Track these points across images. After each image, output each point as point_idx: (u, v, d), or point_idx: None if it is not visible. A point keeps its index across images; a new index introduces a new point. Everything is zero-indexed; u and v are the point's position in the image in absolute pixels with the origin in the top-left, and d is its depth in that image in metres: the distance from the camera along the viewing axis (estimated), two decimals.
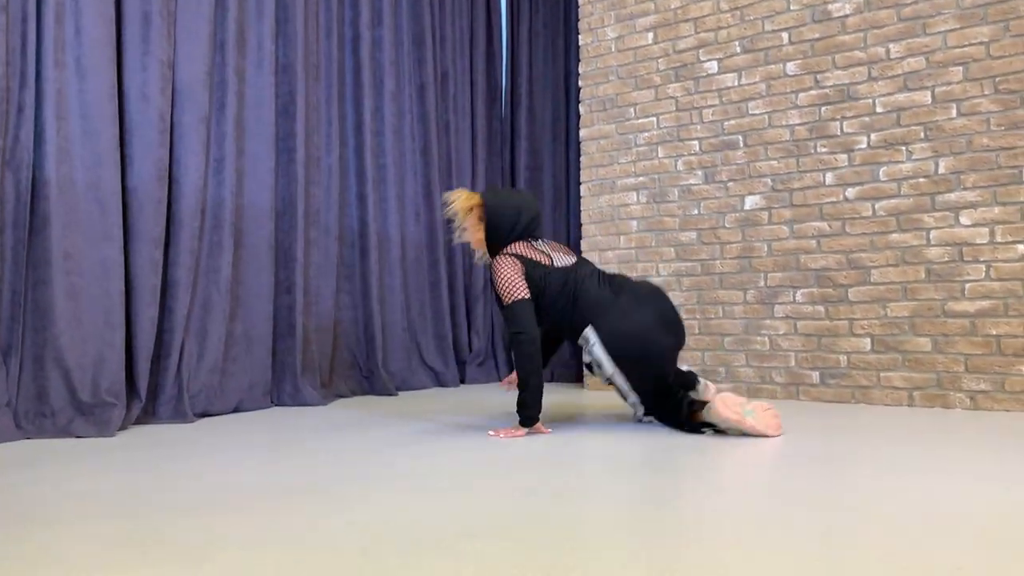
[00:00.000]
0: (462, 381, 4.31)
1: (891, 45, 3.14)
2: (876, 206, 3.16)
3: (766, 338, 3.41)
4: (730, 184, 3.52)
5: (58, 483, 1.75)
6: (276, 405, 3.27)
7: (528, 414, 2.39)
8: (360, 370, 3.77)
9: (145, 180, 2.77)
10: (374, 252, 3.79)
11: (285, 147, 3.40)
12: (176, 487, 1.70)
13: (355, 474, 1.82)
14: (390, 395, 3.67)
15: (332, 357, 3.63)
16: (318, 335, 3.52)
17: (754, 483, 1.67)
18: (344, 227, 3.77)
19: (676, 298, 3.66)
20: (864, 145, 3.19)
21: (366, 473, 1.83)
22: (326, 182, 3.63)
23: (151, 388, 2.80)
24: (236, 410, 3.06)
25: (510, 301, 2.41)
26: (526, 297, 2.42)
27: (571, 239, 4.58)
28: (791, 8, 3.38)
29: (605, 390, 3.77)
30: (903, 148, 3.11)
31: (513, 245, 2.54)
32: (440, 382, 4.11)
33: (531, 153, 4.59)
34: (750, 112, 3.48)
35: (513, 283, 2.43)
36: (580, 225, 4.18)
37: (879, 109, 3.16)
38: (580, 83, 3.98)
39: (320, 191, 3.58)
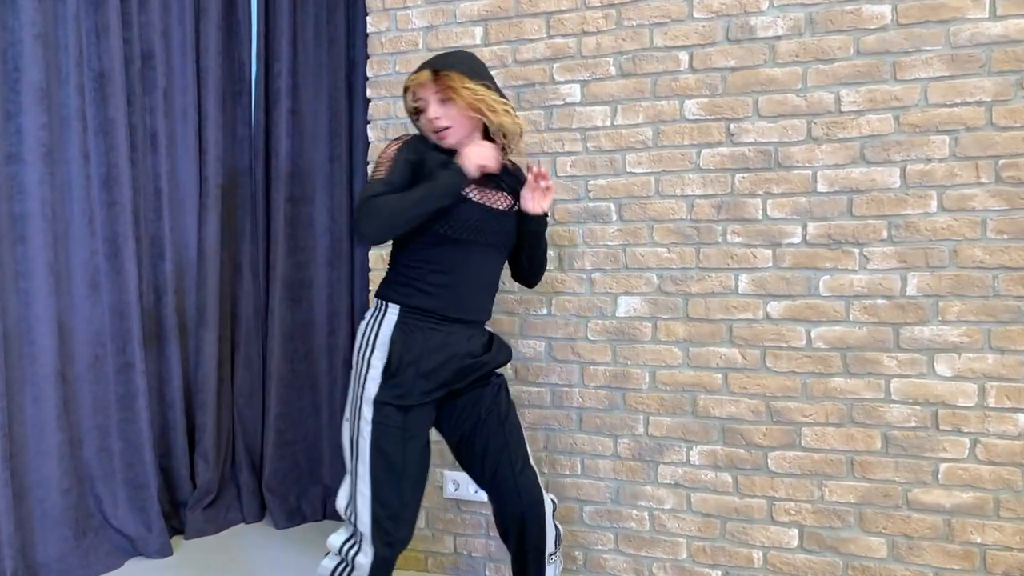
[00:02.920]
0: (178, 533, 2.80)
1: (843, 91, 2.07)
2: (812, 333, 2.11)
3: (645, 513, 2.28)
4: (596, 276, 2.32)
5: None
6: None
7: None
8: None
9: None
10: None
11: None
12: None
13: None
14: None
15: None
16: None
17: None
18: None
19: None
20: (798, 239, 2.12)
21: None
22: None
23: None
24: None
25: None
26: None
27: (354, 324, 3.15)
28: (695, 16, 2.20)
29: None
30: (855, 251, 2.07)
31: None
32: (137, 550, 2.58)
33: (295, 179, 3.09)
34: (628, 169, 2.28)
35: None
36: (368, 295, 2.82)
37: (821, 187, 2.09)
38: (369, 93, 2.56)
39: None
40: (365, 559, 1.61)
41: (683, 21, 2.21)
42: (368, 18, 2.55)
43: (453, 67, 1.69)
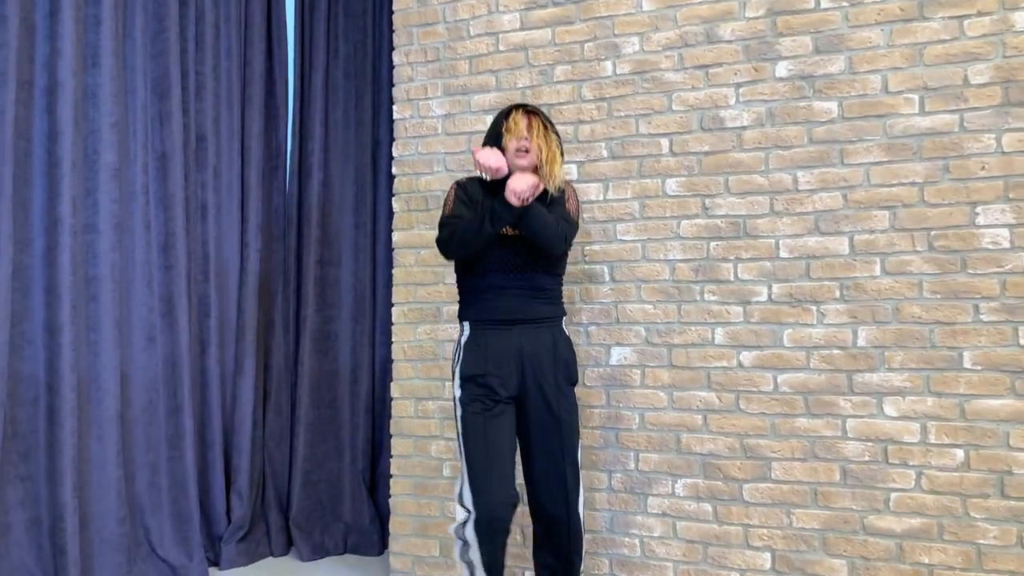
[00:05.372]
0: (213, 564, 3.08)
1: (799, 173, 2.44)
2: (779, 379, 2.43)
3: (636, 540, 2.57)
4: (592, 329, 2.66)
5: None
6: None
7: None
8: None
9: None
10: (70, 411, 2.49)
11: None
12: None
13: None
14: None
15: None
16: None
17: None
18: (18, 379, 2.43)
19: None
20: (764, 298, 2.46)
21: None
22: None
23: None
24: None
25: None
26: None
27: (376, 374, 3.50)
28: (673, 108, 2.59)
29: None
30: (813, 307, 2.41)
31: None
32: None
33: (324, 244, 3.47)
34: (619, 237, 2.64)
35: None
36: (392, 360, 3.14)
37: (783, 253, 2.45)
38: (395, 169, 2.95)
39: None
40: (471, 531, 2.02)
41: (664, 113, 2.60)
42: (395, 106, 2.96)
43: (550, 123, 2.25)
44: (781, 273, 2.45)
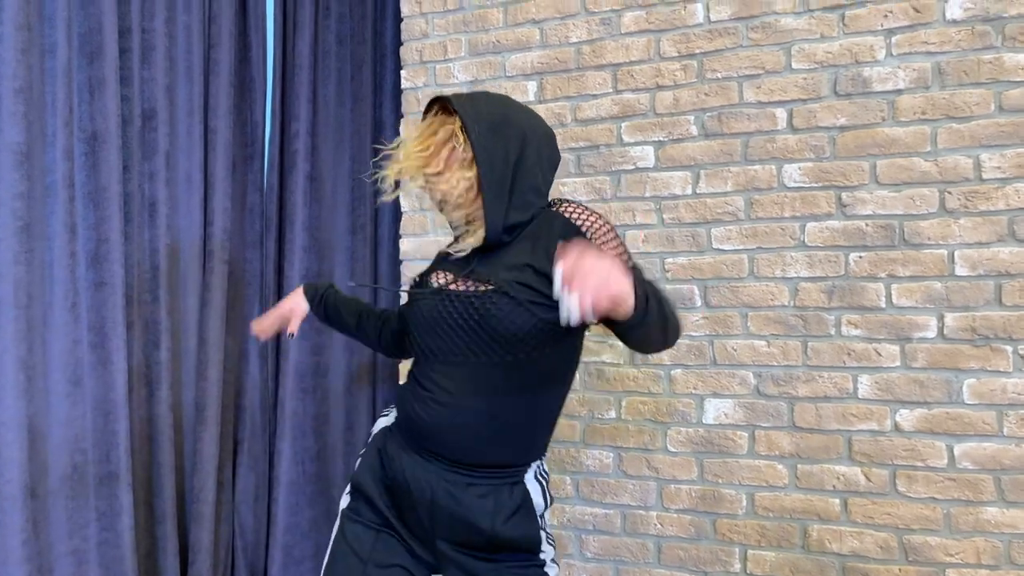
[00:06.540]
0: None
1: (984, 155, 1.71)
2: (956, 449, 1.71)
3: None
4: (676, 372, 1.93)
5: None
6: None
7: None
8: None
9: None
10: None
11: None
12: None
13: None
14: None
15: None
16: None
17: None
18: None
19: (578, 572, 2.00)
20: (932, 332, 1.73)
21: None
22: None
23: None
24: None
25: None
26: None
27: (377, 408, 2.75)
28: (794, 67, 1.86)
29: None
30: (1007, 348, 1.68)
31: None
32: None
33: (313, 252, 2.74)
34: (715, 245, 1.91)
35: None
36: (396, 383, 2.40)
37: (961, 269, 1.72)
38: None
39: None
40: None
41: (780, 73, 1.87)
42: (403, 72, 2.23)
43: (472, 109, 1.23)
44: (958, 298, 1.72)
